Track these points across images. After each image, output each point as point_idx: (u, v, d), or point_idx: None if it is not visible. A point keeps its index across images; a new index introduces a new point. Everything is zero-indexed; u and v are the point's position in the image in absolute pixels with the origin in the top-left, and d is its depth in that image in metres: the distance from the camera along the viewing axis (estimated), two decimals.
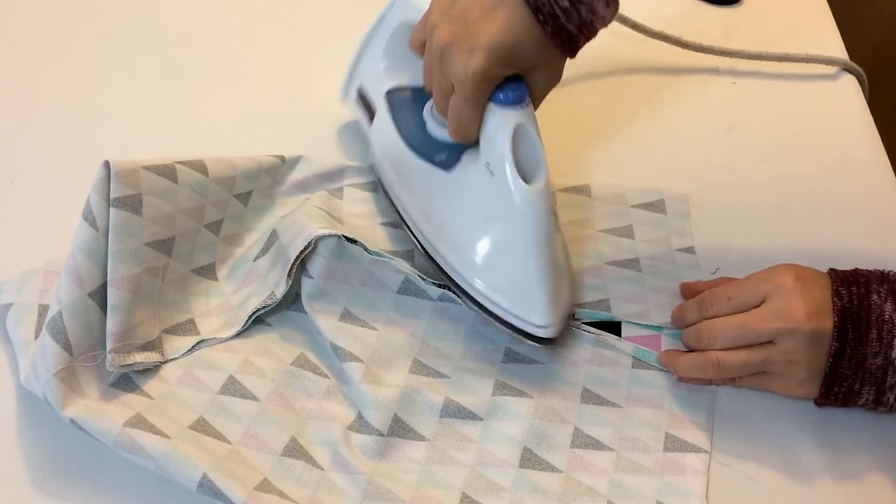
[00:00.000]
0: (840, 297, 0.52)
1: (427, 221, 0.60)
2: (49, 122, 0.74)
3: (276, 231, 0.61)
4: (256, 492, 0.48)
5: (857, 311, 0.52)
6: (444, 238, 0.58)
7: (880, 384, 0.52)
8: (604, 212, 0.68)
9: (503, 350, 0.58)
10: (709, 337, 0.55)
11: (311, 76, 0.80)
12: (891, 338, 0.51)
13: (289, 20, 0.87)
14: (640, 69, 0.84)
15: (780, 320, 0.52)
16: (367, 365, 0.55)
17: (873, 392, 0.52)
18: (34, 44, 0.82)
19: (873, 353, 0.51)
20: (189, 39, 0.84)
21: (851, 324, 0.52)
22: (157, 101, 0.77)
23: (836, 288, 0.53)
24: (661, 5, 0.92)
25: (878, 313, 0.51)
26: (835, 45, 0.88)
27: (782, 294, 0.53)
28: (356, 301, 0.59)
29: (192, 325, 0.58)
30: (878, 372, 0.52)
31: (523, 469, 0.52)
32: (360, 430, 0.53)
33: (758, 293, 0.55)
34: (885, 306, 0.51)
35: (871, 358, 0.51)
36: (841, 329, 0.52)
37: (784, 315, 0.52)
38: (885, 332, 0.51)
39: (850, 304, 0.52)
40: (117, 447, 0.49)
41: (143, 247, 0.54)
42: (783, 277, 0.54)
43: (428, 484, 0.51)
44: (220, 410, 0.53)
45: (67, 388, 0.51)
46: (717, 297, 0.57)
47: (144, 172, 0.55)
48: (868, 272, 0.54)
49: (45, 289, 0.57)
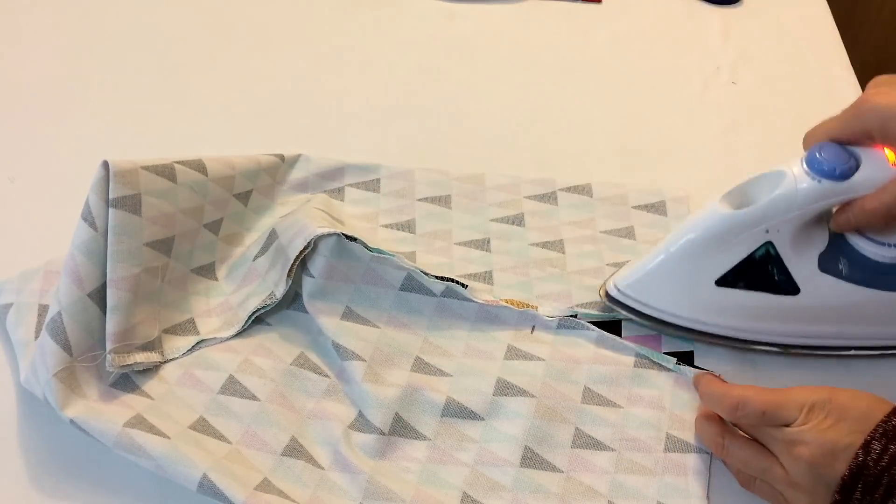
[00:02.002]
0: (867, 452, 0.44)
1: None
2: (49, 122, 0.74)
3: (275, 231, 0.61)
4: (257, 492, 0.48)
5: (880, 475, 0.44)
6: None
7: None
8: (605, 212, 0.68)
9: (505, 347, 0.58)
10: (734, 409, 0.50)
11: (312, 75, 0.80)
12: None
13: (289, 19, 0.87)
14: (641, 69, 0.84)
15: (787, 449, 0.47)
16: (369, 363, 0.55)
17: None
18: (34, 44, 0.82)
19: None
20: (189, 39, 0.84)
21: (864, 485, 0.44)
22: (157, 101, 0.77)
23: (869, 439, 0.45)
24: (661, 5, 0.92)
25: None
26: (835, 45, 0.88)
27: (803, 427, 0.47)
28: (358, 299, 0.59)
29: (191, 324, 0.58)
30: None
31: (524, 468, 0.52)
32: (361, 428, 0.53)
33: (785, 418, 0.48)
34: None
35: None
36: (848, 486, 0.45)
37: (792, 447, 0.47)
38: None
39: (875, 465, 0.44)
40: (117, 447, 0.49)
41: (142, 247, 0.54)
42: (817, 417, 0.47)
43: (429, 483, 0.51)
44: (220, 410, 0.53)
45: (67, 388, 0.51)
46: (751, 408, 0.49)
47: (143, 172, 0.55)
48: None
49: (45, 289, 0.57)
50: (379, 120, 0.76)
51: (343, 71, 0.81)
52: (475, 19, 0.88)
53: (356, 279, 0.59)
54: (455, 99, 0.79)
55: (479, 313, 0.60)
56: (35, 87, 0.77)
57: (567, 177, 0.70)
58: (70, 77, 0.78)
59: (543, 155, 0.74)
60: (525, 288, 0.62)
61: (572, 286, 0.62)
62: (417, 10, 0.89)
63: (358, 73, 0.81)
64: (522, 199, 0.69)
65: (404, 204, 0.68)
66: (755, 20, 0.91)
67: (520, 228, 0.67)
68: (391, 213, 0.67)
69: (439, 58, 0.83)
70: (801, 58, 0.86)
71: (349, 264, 0.58)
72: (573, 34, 0.88)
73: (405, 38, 0.86)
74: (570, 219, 0.68)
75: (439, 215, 0.67)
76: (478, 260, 0.64)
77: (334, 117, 0.76)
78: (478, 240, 0.66)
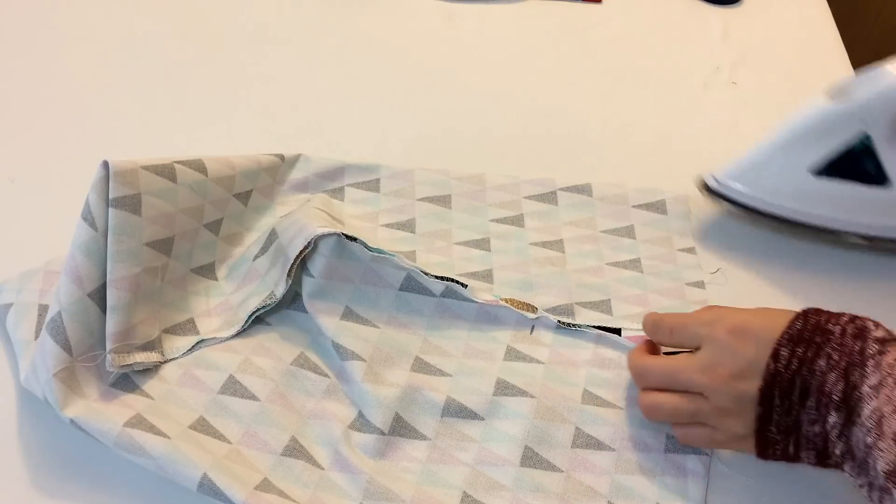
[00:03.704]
0: (777, 359, 0.47)
1: None
2: (49, 122, 0.74)
3: (275, 230, 0.61)
4: (257, 491, 0.48)
5: (792, 378, 0.47)
6: None
7: (821, 450, 0.47)
8: (605, 212, 0.68)
9: (505, 347, 0.58)
10: (639, 374, 0.53)
11: (312, 75, 0.80)
12: (827, 410, 0.46)
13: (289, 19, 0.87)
14: (641, 69, 0.84)
15: (706, 375, 0.49)
16: (369, 363, 0.55)
17: (813, 456, 0.48)
18: (34, 44, 0.82)
19: (810, 420, 0.47)
20: (189, 39, 0.84)
21: (780, 389, 0.47)
22: (157, 101, 0.77)
23: (777, 347, 0.47)
24: (661, 5, 0.92)
25: (820, 382, 0.46)
26: (835, 45, 0.88)
27: (713, 347, 0.50)
28: (358, 299, 0.59)
29: (191, 324, 0.58)
30: (816, 439, 0.47)
31: (524, 468, 0.52)
32: (361, 428, 0.53)
33: (695, 337, 0.51)
34: (828, 377, 0.46)
35: (807, 425, 0.47)
36: (766, 394, 0.47)
37: (710, 371, 0.49)
38: (821, 403, 0.46)
39: (786, 369, 0.47)
40: (117, 447, 0.49)
41: (142, 247, 0.54)
42: (719, 327, 0.50)
43: (429, 483, 0.51)
44: (220, 410, 0.53)
45: (67, 388, 0.51)
46: (662, 326, 0.54)
47: (143, 172, 0.55)
48: (841, 327, 0.47)
49: (45, 289, 0.57)
50: (379, 120, 0.76)
51: (343, 71, 0.81)
52: (475, 19, 0.89)
53: (356, 279, 0.59)
54: (455, 99, 0.79)
55: (478, 313, 0.60)
56: (35, 87, 0.77)
57: (567, 177, 0.71)
58: (70, 77, 0.78)
59: (543, 155, 0.74)
60: (525, 286, 0.62)
61: (572, 285, 0.62)
62: (417, 10, 0.89)
63: (358, 73, 0.81)
64: (522, 199, 0.69)
65: (404, 204, 0.68)
66: (755, 20, 0.91)
67: (519, 228, 0.67)
68: (391, 213, 0.67)
69: (439, 58, 0.83)
70: (801, 58, 0.86)
71: (349, 264, 0.58)
72: (573, 34, 0.88)
73: (405, 38, 0.86)
74: (570, 218, 0.68)
75: (439, 215, 0.67)
76: (478, 259, 0.64)
77: (334, 117, 0.76)
78: (478, 239, 0.66)
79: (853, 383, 0.45)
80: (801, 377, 0.47)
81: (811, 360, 0.47)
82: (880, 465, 0.43)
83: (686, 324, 0.52)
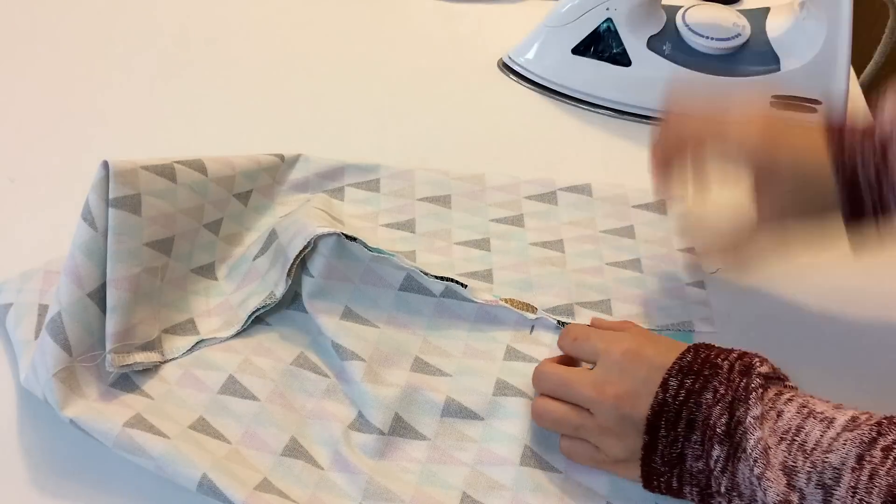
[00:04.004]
0: (665, 389, 0.47)
1: None
2: (49, 122, 0.74)
3: (275, 230, 0.61)
4: (256, 491, 0.48)
5: (679, 409, 0.47)
6: None
7: (703, 487, 0.47)
8: (605, 212, 0.68)
9: (505, 347, 0.58)
10: (537, 378, 0.53)
11: (312, 75, 0.80)
12: (711, 444, 0.46)
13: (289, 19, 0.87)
14: None
15: (595, 391, 0.49)
16: (369, 363, 0.55)
17: (696, 493, 0.48)
18: (34, 44, 0.82)
19: (694, 455, 0.47)
20: (188, 39, 0.84)
21: (665, 421, 0.47)
22: (157, 101, 0.77)
23: (666, 377, 0.48)
24: None
25: (706, 415, 0.46)
26: None
27: (607, 364, 0.50)
28: (358, 299, 0.59)
29: (191, 324, 0.58)
30: (699, 475, 0.47)
31: (524, 467, 0.52)
32: (361, 428, 0.53)
33: (593, 351, 0.51)
34: (713, 409, 0.46)
35: (691, 460, 0.47)
36: (652, 423, 0.47)
37: (599, 387, 0.49)
38: (706, 437, 0.46)
39: (673, 400, 0.47)
40: (117, 447, 0.49)
41: (142, 247, 0.54)
42: (615, 346, 0.50)
43: (428, 483, 0.51)
44: (219, 410, 0.53)
45: (67, 388, 0.51)
46: (568, 334, 0.54)
47: (143, 172, 0.55)
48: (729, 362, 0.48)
49: (45, 289, 0.57)
50: (379, 120, 0.76)
51: (343, 71, 0.81)
52: (475, 19, 0.89)
53: (356, 279, 0.59)
54: (455, 99, 0.79)
55: (478, 314, 0.60)
56: (35, 87, 0.77)
57: (566, 177, 0.71)
58: (70, 77, 0.78)
59: (543, 155, 0.74)
60: (525, 286, 0.62)
61: (572, 285, 0.62)
62: (417, 10, 0.89)
63: (358, 73, 0.81)
64: (522, 199, 0.69)
65: (404, 203, 0.68)
66: None
67: (519, 228, 0.67)
68: (391, 213, 0.67)
69: (440, 58, 0.83)
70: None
71: (349, 264, 0.58)
72: None
73: (405, 38, 0.86)
74: (570, 218, 0.68)
75: (439, 215, 0.67)
76: (478, 259, 0.64)
77: (334, 117, 0.76)
78: (478, 239, 0.66)
79: (737, 418, 0.45)
80: (688, 408, 0.47)
81: (698, 393, 0.47)
82: (770, 496, 0.43)
83: (589, 337, 0.53)
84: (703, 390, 0.47)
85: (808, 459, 0.42)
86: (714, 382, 0.47)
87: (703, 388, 0.47)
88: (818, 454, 0.42)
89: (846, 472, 0.41)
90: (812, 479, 0.42)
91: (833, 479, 0.41)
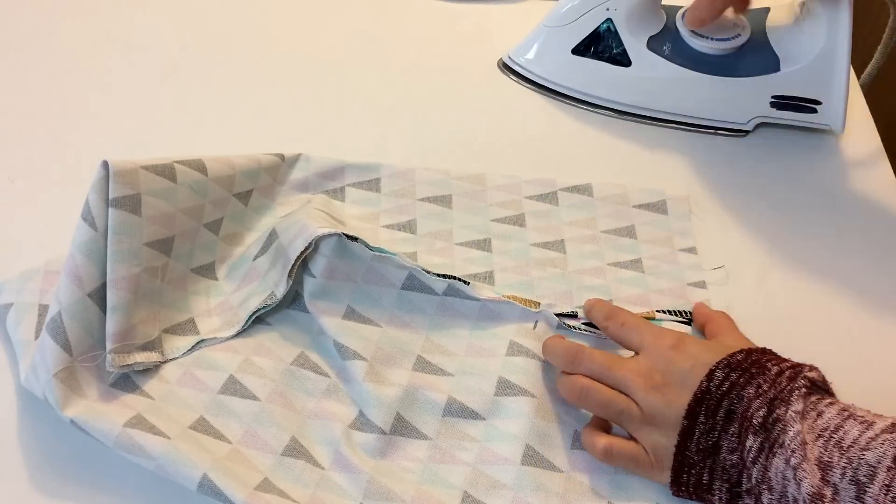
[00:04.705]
0: (710, 379, 0.49)
1: None
2: (49, 122, 0.74)
3: (275, 231, 0.61)
4: (257, 491, 0.48)
5: (720, 398, 0.48)
6: None
7: (734, 484, 0.48)
8: (606, 212, 0.68)
9: (507, 343, 0.58)
10: (573, 357, 0.54)
11: (312, 75, 0.80)
12: (745, 436, 0.46)
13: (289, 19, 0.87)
14: None
15: (641, 378, 0.50)
16: (371, 363, 0.55)
17: (726, 491, 0.48)
18: (34, 44, 0.82)
19: (729, 447, 0.47)
20: (189, 39, 0.84)
21: (706, 409, 0.48)
22: (157, 101, 0.77)
23: (713, 369, 0.49)
24: None
25: (745, 408, 0.47)
26: None
27: (653, 355, 0.51)
28: (360, 298, 0.59)
29: (191, 324, 0.57)
30: (732, 470, 0.48)
31: (525, 466, 0.52)
32: (362, 428, 0.53)
33: (641, 341, 0.53)
34: (753, 403, 0.47)
35: (726, 451, 0.48)
36: (693, 409, 0.48)
37: (646, 376, 0.50)
38: (743, 428, 0.47)
39: (717, 390, 0.48)
40: (117, 447, 0.49)
41: (142, 247, 0.54)
42: (663, 340, 0.52)
43: (430, 483, 0.51)
44: (220, 410, 0.53)
45: (67, 388, 0.51)
46: (616, 317, 0.55)
47: (143, 172, 0.55)
48: (779, 368, 0.49)
49: (45, 289, 0.57)
50: (379, 120, 0.76)
51: (343, 71, 0.81)
52: (475, 19, 0.88)
53: (357, 278, 0.59)
54: (455, 99, 0.79)
55: (481, 311, 0.60)
56: (35, 87, 0.77)
57: (567, 177, 0.70)
58: (70, 77, 0.78)
59: (543, 155, 0.74)
60: (526, 288, 0.62)
61: (573, 286, 0.62)
62: (417, 10, 0.89)
63: (358, 73, 0.81)
64: (523, 199, 0.69)
65: (405, 204, 0.68)
66: None
67: (520, 228, 0.67)
68: (392, 213, 0.67)
69: (439, 58, 0.83)
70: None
71: (350, 264, 0.58)
72: None
73: (405, 38, 0.86)
74: (571, 219, 0.68)
75: (440, 215, 0.67)
76: (479, 260, 0.64)
77: (334, 117, 0.76)
78: (479, 240, 0.65)
79: (777, 415, 0.46)
80: (729, 399, 0.48)
81: (742, 386, 0.48)
82: (804, 487, 0.43)
83: (640, 327, 0.54)
84: (747, 385, 0.48)
85: (843, 455, 0.43)
86: (759, 379, 0.48)
87: (748, 382, 0.48)
88: (855, 451, 0.43)
89: (881, 471, 0.41)
90: (846, 475, 0.42)
91: (867, 477, 0.42)
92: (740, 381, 0.48)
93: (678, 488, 0.50)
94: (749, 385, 0.48)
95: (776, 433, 0.45)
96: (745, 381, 0.48)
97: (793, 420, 0.45)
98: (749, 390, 0.47)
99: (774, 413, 0.46)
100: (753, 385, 0.47)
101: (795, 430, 0.44)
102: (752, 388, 0.47)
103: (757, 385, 0.47)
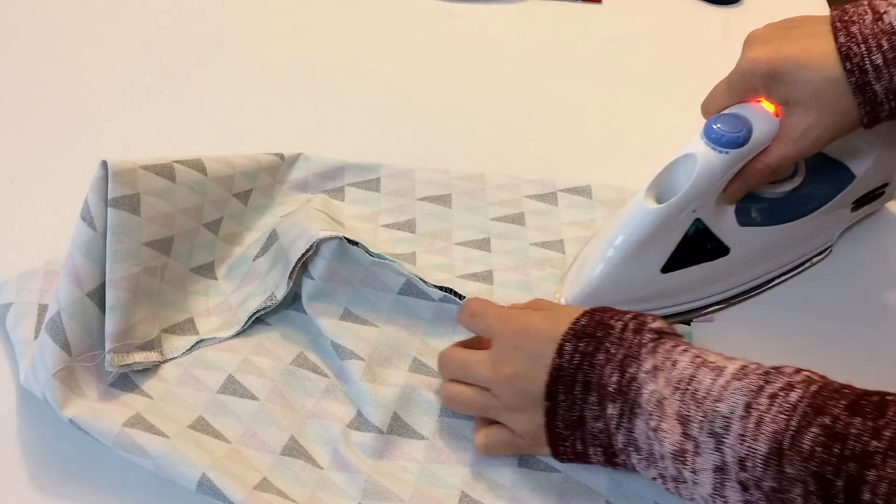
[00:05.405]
0: (560, 354, 0.48)
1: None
2: (49, 122, 0.74)
3: (276, 231, 0.61)
4: (256, 491, 0.48)
5: (574, 373, 0.48)
6: None
7: (606, 447, 0.48)
8: (605, 214, 0.68)
9: None
10: (441, 364, 0.54)
11: (312, 75, 0.80)
12: (605, 404, 0.46)
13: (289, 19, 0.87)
14: (641, 69, 0.84)
15: (492, 371, 0.50)
16: (368, 363, 0.55)
17: (601, 453, 0.48)
18: (34, 44, 0.82)
19: (593, 416, 0.47)
20: (188, 39, 0.84)
21: (563, 385, 0.48)
22: (157, 101, 0.77)
23: (561, 343, 0.48)
24: (661, 5, 0.92)
25: (599, 375, 0.47)
26: None
27: (500, 344, 0.50)
28: (357, 301, 0.59)
29: (191, 324, 0.58)
30: (601, 435, 0.48)
31: (522, 468, 0.52)
32: (360, 427, 0.53)
33: (488, 330, 0.52)
34: (605, 369, 0.47)
35: (591, 421, 0.48)
36: (551, 390, 0.48)
37: (496, 368, 0.50)
38: (602, 396, 0.47)
39: (569, 364, 0.48)
40: (117, 447, 0.49)
41: (141, 247, 0.54)
42: (507, 325, 0.51)
43: (427, 483, 0.51)
44: (219, 410, 0.53)
45: (67, 388, 0.51)
46: (467, 308, 0.54)
47: (142, 172, 0.55)
48: (623, 322, 0.48)
49: (44, 289, 0.57)
50: (379, 120, 0.76)
51: (343, 71, 0.81)
52: (475, 19, 0.89)
53: (356, 282, 0.59)
54: (455, 99, 0.79)
55: None
56: (35, 87, 0.77)
57: (567, 177, 0.71)
58: (70, 77, 0.78)
59: (543, 155, 0.74)
60: (525, 288, 0.62)
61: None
62: (417, 10, 0.89)
63: (358, 73, 0.81)
64: (522, 199, 0.69)
65: (405, 203, 0.68)
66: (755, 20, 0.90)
67: (520, 228, 0.67)
68: (391, 213, 0.67)
69: (440, 58, 0.83)
70: None
71: (349, 268, 0.58)
72: (573, 34, 0.88)
73: (405, 38, 0.86)
74: (570, 219, 0.68)
75: (440, 215, 0.67)
76: (478, 260, 0.64)
77: (334, 117, 0.76)
78: (478, 239, 0.66)
79: (629, 375, 0.46)
80: (583, 371, 0.47)
81: (591, 355, 0.47)
82: (666, 446, 0.44)
83: (486, 313, 0.53)
84: (596, 352, 0.47)
85: (700, 408, 0.43)
86: (606, 343, 0.48)
87: (597, 349, 0.47)
88: (709, 403, 0.43)
89: (735, 421, 0.42)
90: (704, 428, 0.43)
91: (723, 428, 0.42)
92: (589, 350, 0.48)
93: (561, 457, 0.50)
94: (598, 352, 0.47)
95: (632, 395, 0.46)
96: (595, 349, 0.47)
97: (645, 381, 0.45)
98: (599, 357, 0.47)
99: (627, 374, 0.46)
100: (602, 350, 0.47)
101: (650, 391, 0.45)
102: (601, 353, 0.47)
103: (605, 350, 0.47)
